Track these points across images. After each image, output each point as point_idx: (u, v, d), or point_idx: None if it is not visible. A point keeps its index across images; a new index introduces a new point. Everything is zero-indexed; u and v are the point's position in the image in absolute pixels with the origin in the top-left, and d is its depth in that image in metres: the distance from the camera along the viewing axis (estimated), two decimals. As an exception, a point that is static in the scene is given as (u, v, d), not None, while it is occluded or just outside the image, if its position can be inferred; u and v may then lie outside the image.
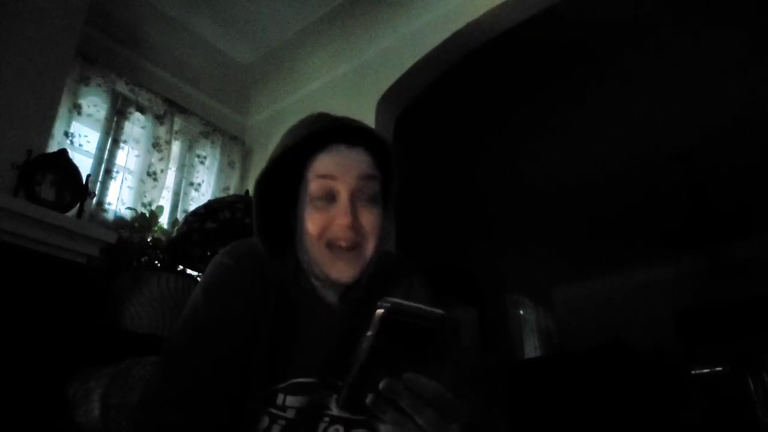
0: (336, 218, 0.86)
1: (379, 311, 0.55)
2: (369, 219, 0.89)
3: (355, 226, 0.86)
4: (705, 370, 4.43)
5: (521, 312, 6.53)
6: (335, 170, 0.88)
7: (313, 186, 0.88)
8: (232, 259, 0.90)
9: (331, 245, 0.87)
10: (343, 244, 0.86)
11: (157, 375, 0.82)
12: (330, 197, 0.88)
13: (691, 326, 5.75)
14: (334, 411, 0.87)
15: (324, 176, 0.88)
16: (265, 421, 0.84)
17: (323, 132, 0.89)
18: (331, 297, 0.94)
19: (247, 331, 0.85)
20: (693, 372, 4.51)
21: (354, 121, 0.92)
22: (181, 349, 0.83)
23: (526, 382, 4.79)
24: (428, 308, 0.57)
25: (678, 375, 4.60)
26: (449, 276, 5.28)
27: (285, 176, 0.91)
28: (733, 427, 4.17)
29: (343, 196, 0.87)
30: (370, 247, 0.89)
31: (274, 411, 0.84)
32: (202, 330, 0.83)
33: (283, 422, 0.84)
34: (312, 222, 0.87)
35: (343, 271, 0.87)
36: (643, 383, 4.33)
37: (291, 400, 0.85)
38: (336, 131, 0.90)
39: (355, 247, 0.87)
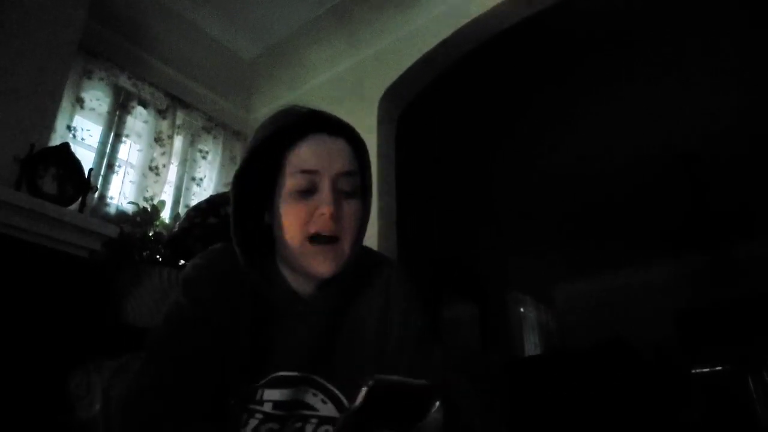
0: (317, 208, 0.85)
1: (365, 388, 0.55)
2: (349, 212, 0.88)
3: (337, 216, 0.86)
4: (705, 369, 4.43)
5: (522, 310, 6.54)
6: (318, 163, 0.87)
7: (294, 179, 0.87)
8: (205, 260, 0.91)
9: (311, 238, 0.85)
10: (324, 234, 0.85)
11: (139, 369, 0.83)
12: (311, 189, 0.87)
13: (692, 326, 5.75)
14: (322, 411, 0.87)
15: (307, 171, 0.86)
16: (244, 416, 0.84)
17: (302, 121, 0.89)
18: (306, 290, 0.93)
19: (225, 325, 0.85)
20: (693, 371, 4.51)
21: (330, 113, 0.92)
22: (161, 343, 0.83)
23: (526, 380, 4.79)
24: (415, 382, 0.58)
25: (678, 374, 4.60)
26: (451, 273, 5.28)
27: (260, 169, 0.90)
28: (733, 427, 4.17)
29: (326, 187, 0.86)
30: (349, 241, 0.88)
31: (251, 406, 0.85)
32: (182, 323, 0.84)
33: (260, 416, 0.84)
34: (292, 214, 0.86)
35: (323, 265, 0.86)
36: (642, 382, 4.34)
37: (269, 394, 0.86)
38: (315, 121, 0.89)
39: (336, 239, 0.86)
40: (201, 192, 3.12)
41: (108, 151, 2.70)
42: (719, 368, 4.38)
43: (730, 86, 3.71)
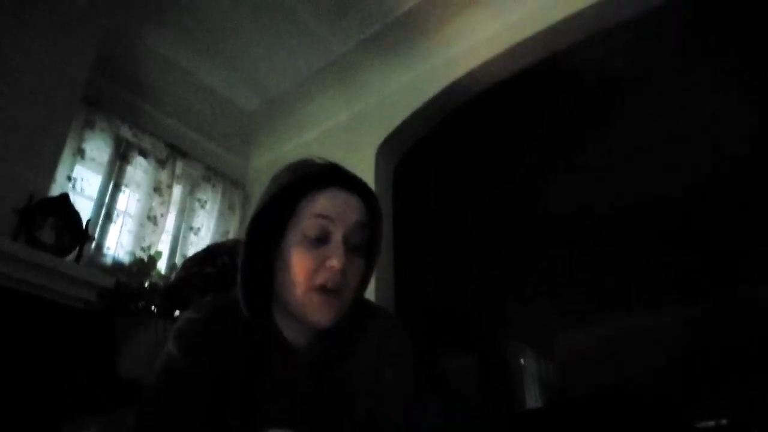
0: (327, 260, 0.86)
1: None
2: (353, 268, 0.89)
3: (344, 271, 0.86)
4: (710, 423, 4.35)
5: (522, 361, 6.44)
6: (333, 212, 0.88)
7: (308, 224, 0.87)
8: (198, 313, 0.91)
9: (315, 288, 0.86)
10: (330, 286, 0.85)
11: (133, 423, 0.83)
12: (323, 238, 0.87)
13: (696, 374, 5.66)
14: None
15: (322, 216, 0.87)
16: None
17: (323, 173, 0.90)
18: (300, 342, 0.92)
19: (218, 379, 0.85)
20: (697, 426, 4.42)
21: (346, 169, 0.94)
22: (154, 396, 0.83)
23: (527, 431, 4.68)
24: None
25: (681, 428, 4.51)
26: (449, 324, 5.23)
27: (271, 216, 0.90)
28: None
29: (337, 239, 0.87)
30: (349, 296, 0.89)
31: None
32: (175, 377, 0.84)
33: None
34: (301, 260, 0.87)
35: (323, 315, 0.86)
36: (646, 434, 4.24)
37: None
38: (333, 174, 0.91)
39: (339, 292, 0.86)
40: (198, 241, 3.11)
41: (107, 200, 2.71)
42: (724, 422, 4.30)
43: (729, 128, 3.72)
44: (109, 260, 2.61)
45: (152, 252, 2.69)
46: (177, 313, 2.28)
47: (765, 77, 3.28)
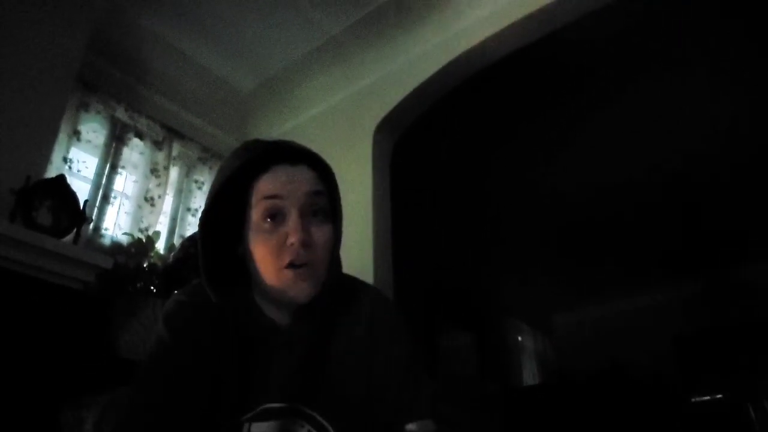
0: (288, 237, 0.85)
1: None
2: (320, 235, 0.88)
3: (307, 243, 0.85)
4: (705, 398, 4.39)
5: (520, 338, 6.49)
6: (281, 189, 0.87)
7: (260, 208, 0.86)
8: (186, 295, 0.93)
9: (284, 267, 0.85)
10: (297, 262, 0.85)
11: (126, 402, 0.84)
12: (278, 218, 0.86)
13: (692, 352, 5.72)
14: None
15: (270, 197, 0.86)
16: None
17: (263, 155, 0.89)
18: (284, 319, 0.93)
19: (208, 358, 0.86)
20: (693, 400, 4.46)
21: (291, 142, 0.92)
22: (145, 375, 0.84)
23: (524, 410, 4.74)
24: None
25: (677, 402, 4.56)
26: (448, 300, 5.26)
27: (228, 208, 0.90)
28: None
29: (293, 215, 0.86)
30: (323, 264, 0.88)
31: None
32: (165, 355, 0.86)
33: None
34: (263, 247, 0.86)
35: (300, 290, 0.86)
36: (641, 410, 4.29)
37: (257, 427, 0.85)
38: (276, 153, 0.90)
39: (309, 264, 0.86)
40: (196, 222, 3.11)
41: (104, 182, 2.71)
42: (719, 396, 4.34)
43: (724, 107, 3.72)
44: (107, 241, 2.62)
45: (150, 233, 2.69)
46: (175, 293, 2.29)
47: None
